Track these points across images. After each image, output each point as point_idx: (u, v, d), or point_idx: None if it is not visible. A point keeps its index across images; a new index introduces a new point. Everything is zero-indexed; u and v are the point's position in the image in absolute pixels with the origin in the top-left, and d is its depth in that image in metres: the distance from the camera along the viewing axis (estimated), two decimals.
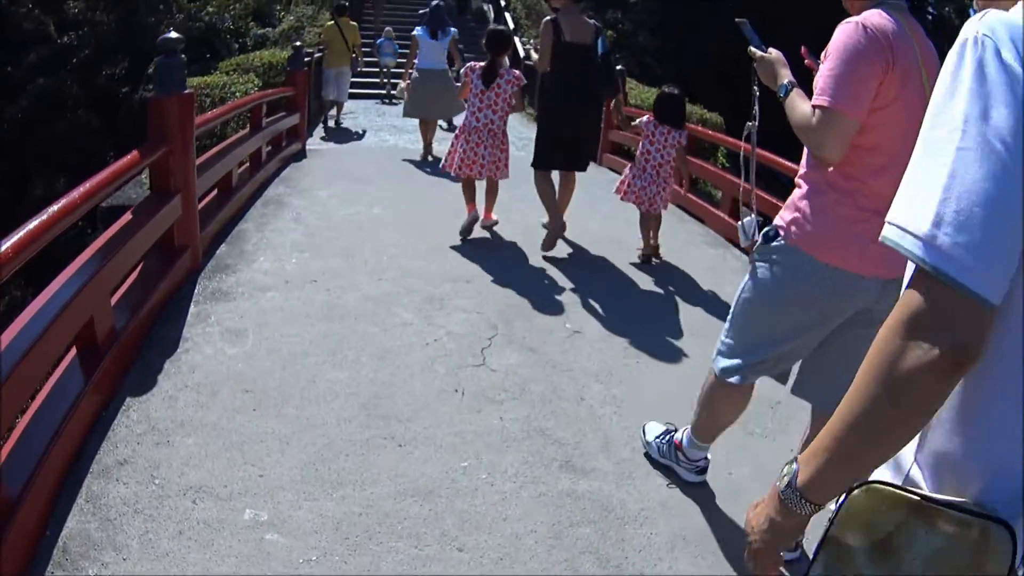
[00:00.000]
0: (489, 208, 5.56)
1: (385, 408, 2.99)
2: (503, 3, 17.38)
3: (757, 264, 2.25)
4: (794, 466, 1.03)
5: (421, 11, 9.10)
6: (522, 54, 8.92)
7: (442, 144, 9.24)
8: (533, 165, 5.31)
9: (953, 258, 0.87)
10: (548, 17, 5.09)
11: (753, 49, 2.30)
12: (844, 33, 1.97)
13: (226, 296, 3.95)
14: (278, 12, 18.35)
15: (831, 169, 2.07)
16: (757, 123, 2.48)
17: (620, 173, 5.88)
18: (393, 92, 13.31)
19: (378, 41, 13.95)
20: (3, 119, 17.34)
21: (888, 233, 0.95)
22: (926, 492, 0.95)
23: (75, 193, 2.74)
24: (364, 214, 5.70)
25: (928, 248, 0.88)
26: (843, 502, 0.99)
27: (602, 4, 18.05)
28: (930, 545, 0.93)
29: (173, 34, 4.01)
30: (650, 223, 5.27)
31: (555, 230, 5.23)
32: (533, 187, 5.42)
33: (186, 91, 4.05)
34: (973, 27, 0.95)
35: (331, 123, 11.34)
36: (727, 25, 2.13)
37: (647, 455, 2.86)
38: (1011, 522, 0.91)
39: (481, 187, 5.56)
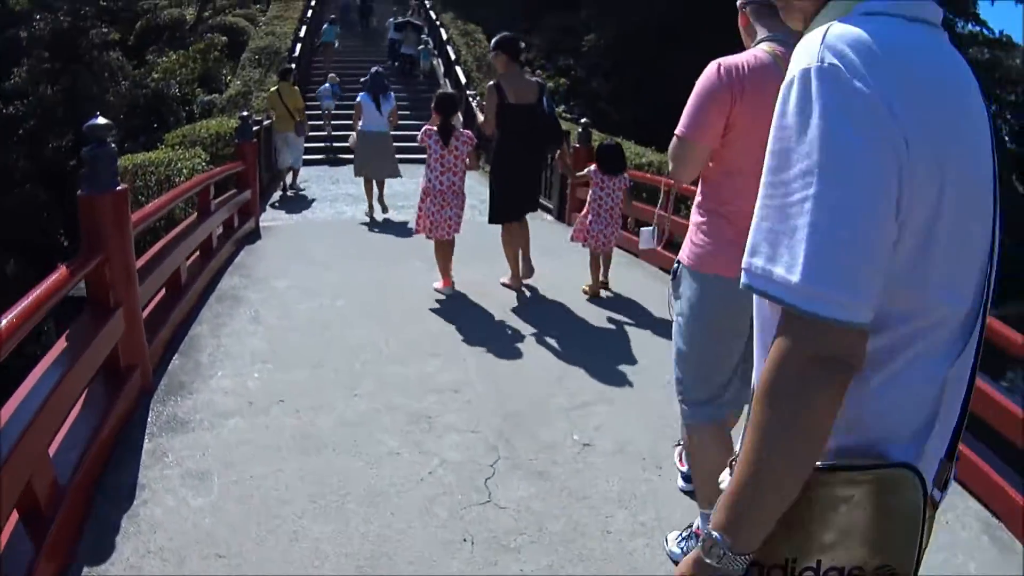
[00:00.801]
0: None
1: (385, 571, 2.53)
2: (453, 57, 17.22)
3: (677, 306, 2.40)
4: (715, 535, 0.95)
5: (363, 79, 9.54)
6: (475, 106, 9.08)
7: (400, 212, 9.07)
8: (492, 222, 5.59)
9: (833, 303, 0.84)
10: (491, 82, 5.28)
11: None
12: (703, 73, 2.20)
13: (183, 426, 3.47)
14: (225, 77, 17.95)
15: (702, 198, 2.32)
16: None
17: None
18: (334, 133, 14.13)
19: (319, 89, 14.28)
20: None
21: (754, 283, 0.92)
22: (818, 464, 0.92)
23: None
24: (328, 308, 5.25)
25: (806, 298, 0.85)
26: None
27: (554, 52, 18.01)
28: (835, 507, 0.93)
29: (100, 120, 3.48)
30: (603, 261, 5.81)
31: (519, 283, 5.74)
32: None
33: (119, 187, 3.55)
34: (813, 50, 0.88)
35: (289, 192, 10.97)
36: (689, 65, 2.08)
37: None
38: (914, 463, 0.93)
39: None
